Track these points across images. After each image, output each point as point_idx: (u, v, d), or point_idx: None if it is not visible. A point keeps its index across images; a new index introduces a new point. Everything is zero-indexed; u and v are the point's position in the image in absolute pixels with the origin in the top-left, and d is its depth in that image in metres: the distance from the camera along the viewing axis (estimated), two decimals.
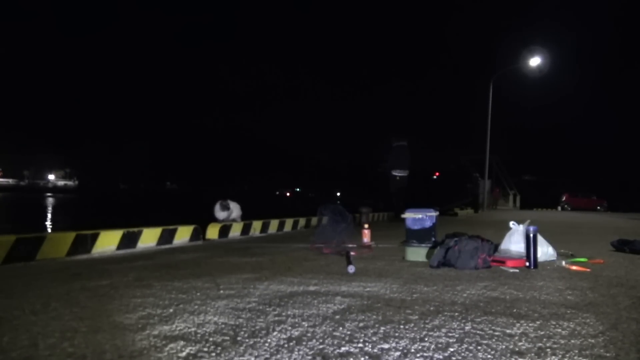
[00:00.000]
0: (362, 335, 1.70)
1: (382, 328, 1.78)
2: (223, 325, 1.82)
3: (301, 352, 1.51)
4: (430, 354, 1.50)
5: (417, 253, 3.76)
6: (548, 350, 1.54)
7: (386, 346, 1.58)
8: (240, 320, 1.91)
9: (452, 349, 1.54)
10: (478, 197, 23.74)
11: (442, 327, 1.80)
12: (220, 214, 6.76)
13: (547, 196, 32.42)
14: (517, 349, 1.55)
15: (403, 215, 3.90)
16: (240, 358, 1.47)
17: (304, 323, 1.86)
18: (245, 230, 6.82)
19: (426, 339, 1.65)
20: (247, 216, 7.36)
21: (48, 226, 18.00)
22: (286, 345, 1.58)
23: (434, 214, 3.80)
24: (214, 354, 1.50)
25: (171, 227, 5.36)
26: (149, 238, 5.01)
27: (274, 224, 7.55)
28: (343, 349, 1.55)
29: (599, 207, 28.39)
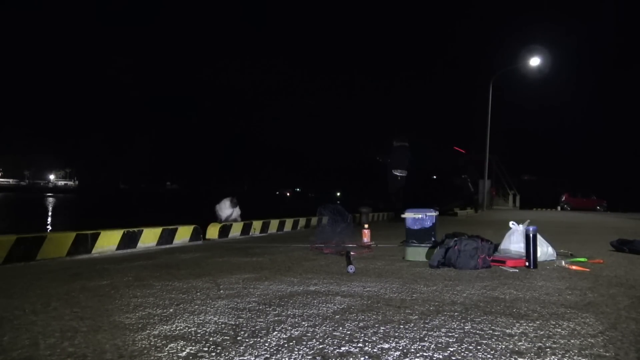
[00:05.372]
0: (362, 335, 1.70)
1: (382, 328, 1.79)
2: (223, 325, 1.83)
3: (301, 352, 1.52)
4: (430, 353, 1.51)
5: (417, 253, 3.76)
6: (548, 350, 1.54)
7: (386, 346, 1.58)
8: (240, 320, 1.91)
9: (452, 349, 1.55)
10: (478, 197, 23.75)
11: (442, 327, 1.80)
12: (227, 210, 6.83)
13: (547, 196, 32.36)
14: (516, 349, 1.55)
15: (403, 215, 3.90)
16: (240, 358, 1.47)
17: (304, 323, 1.86)
18: (245, 230, 6.82)
19: (426, 339, 1.65)
20: (247, 216, 7.37)
21: (48, 226, 18.00)
22: (286, 345, 1.58)
23: (434, 214, 3.80)
24: (214, 354, 1.50)
25: (171, 227, 5.37)
26: (149, 238, 5.01)
27: (274, 224, 7.56)
28: (343, 348, 1.55)
29: (598, 207, 28.36)
